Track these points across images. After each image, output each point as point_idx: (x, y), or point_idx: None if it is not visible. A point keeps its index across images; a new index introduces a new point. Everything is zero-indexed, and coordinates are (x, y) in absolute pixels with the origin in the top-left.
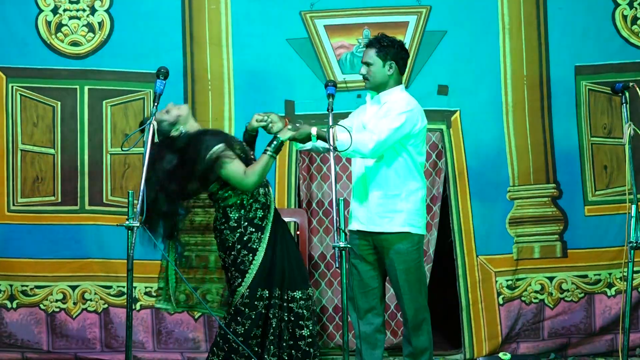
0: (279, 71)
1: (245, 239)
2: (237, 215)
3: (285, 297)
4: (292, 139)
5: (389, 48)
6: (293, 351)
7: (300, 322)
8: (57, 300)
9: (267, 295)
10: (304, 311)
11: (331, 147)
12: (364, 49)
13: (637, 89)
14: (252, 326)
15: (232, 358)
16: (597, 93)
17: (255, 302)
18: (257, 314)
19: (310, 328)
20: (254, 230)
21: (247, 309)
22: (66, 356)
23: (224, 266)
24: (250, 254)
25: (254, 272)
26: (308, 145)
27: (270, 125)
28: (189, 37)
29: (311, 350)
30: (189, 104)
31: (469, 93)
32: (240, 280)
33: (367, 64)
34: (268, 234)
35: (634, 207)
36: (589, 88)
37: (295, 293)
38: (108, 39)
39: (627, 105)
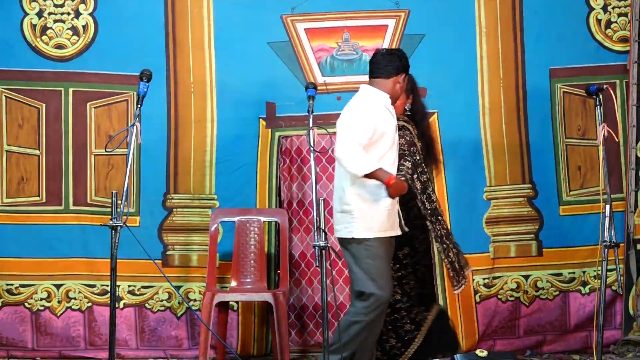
0: (260, 74)
1: None
2: None
3: None
4: None
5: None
6: None
7: None
8: (41, 299)
9: None
10: None
11: (312, 149)
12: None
13: (611, 91)
14: None
15: None
16: (572, 95)
17: None
18: None
19: None
20: None
21: None
22: (51, 354)
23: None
24: None
25: None
26: None
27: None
28: (172, 41)
29: None
30: (172, 106)
31: (447, 95)
32: None
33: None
34: None
35: (607, 206)
36: (564, 90)
37: None
38: (92, 42)
39: (601, 107)
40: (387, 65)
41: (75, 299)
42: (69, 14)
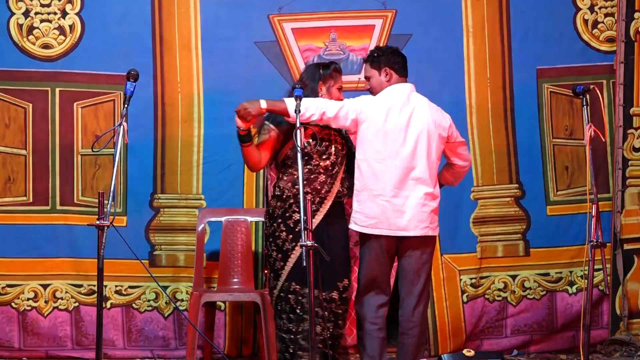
0: (247, 73)
1: None
2: None
3: None
4: None
5: (380, 57)
6: None
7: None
8: (28, 299)
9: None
10: None
11: (298, 147)
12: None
13: (598, 91)
14: None
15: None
16: (559, 95)
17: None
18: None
19: None
20: None
21: None
22: (37, 354)
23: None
24: None
25: None
26: None
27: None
28: (158, 41)
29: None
30: (159, 106)
31: (434, 95)
32: None
33: (367, 78)
34: None
35: (594, 206)
36: (551, 90)
37: None
38: (79, 41)
39: (588, 107)
40: None
41: (62, 299)
42: (55, 13)
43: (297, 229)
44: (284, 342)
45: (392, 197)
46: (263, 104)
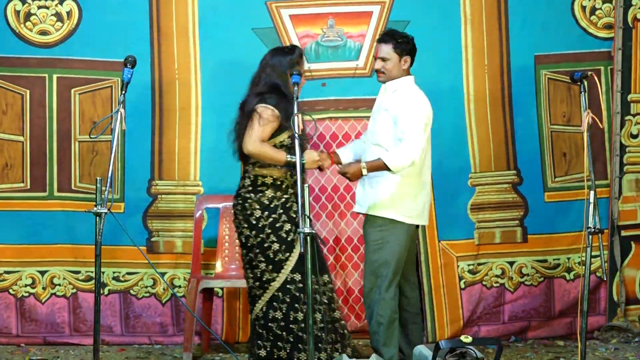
0: (245, 60)
1: None
2: None
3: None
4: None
5: (405, 44)
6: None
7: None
8: (26, 285)
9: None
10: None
11: (296, 135)
12: (376, 43)
13: (595, 78)
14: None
15: (278, 346)
16: (557, 82)
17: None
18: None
19: None
20: None
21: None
22: (35, 340)
23: None
24: None
25: None
26: None
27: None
28: (156, 27)
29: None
30: (156, 93)
31: (431, 82)
32: None
33: (383, 59)
34: None
35: (592, 193)
36: (549, 77)
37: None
38: (76, 28)
39: (586, 94)
40: None
41: (59, 285)
42: (52, 0)
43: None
44: (287, 332)
45: (429, 189)
46: (364, 171)
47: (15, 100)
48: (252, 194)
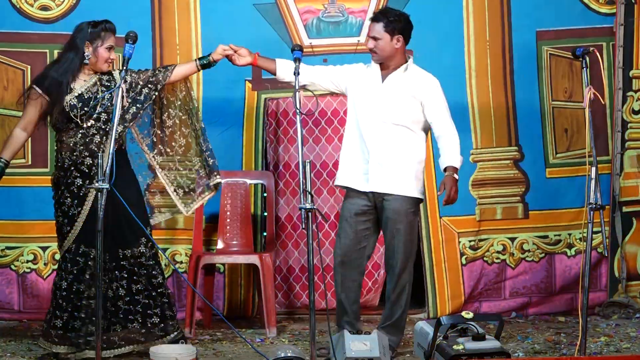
0: (246, 36)
1: None
2: None
3: None
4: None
5: (396, 22)
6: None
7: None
8: (27, 261)
9: None
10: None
11: (298, 111)
12: (370, 22)
13: (597, 53)
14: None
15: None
16: (558, 58)
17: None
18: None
19: None
20: None
21: None
22: (37, 316)
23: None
24: None
25: None
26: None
27: (235, 57)
28: (157, 2)
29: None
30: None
31: (433, 58)
32: None
33: (375, 38)
34: None
35: (593, 169)
36: (550, 53)
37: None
38: (77, 3)
39: (587, 70)
40: None
41: None
42: None
43: (80, 194)
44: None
45: None
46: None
47: (16, 76)
48: None
